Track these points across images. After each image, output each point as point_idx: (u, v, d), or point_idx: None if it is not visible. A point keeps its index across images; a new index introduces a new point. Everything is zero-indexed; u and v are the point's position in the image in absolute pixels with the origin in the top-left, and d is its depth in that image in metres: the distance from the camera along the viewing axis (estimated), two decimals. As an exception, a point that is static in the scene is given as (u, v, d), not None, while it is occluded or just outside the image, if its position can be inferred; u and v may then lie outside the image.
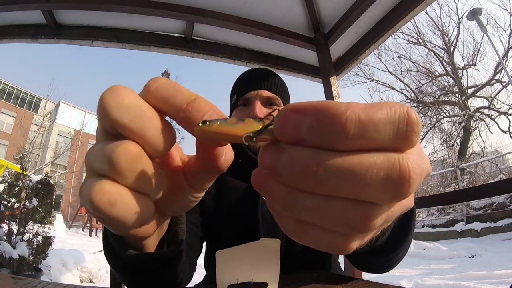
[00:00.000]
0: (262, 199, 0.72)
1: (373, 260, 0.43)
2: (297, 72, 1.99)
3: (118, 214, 0.20)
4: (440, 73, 13.10)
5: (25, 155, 5.07)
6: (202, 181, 0.26)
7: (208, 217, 0.75)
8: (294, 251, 0.70)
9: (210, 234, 0.78)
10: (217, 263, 0.36)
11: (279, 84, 0.85)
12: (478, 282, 3.46)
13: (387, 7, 1.54)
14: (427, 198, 1.38)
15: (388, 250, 0.41)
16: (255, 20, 1.68)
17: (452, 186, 9.81)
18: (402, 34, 13.25)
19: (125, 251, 0.32)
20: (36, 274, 3.39)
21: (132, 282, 0.41)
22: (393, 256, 0.44)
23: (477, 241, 6.52)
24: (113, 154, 0.19)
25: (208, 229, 0.77)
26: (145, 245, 0.32)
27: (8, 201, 3.64)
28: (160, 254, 0.34)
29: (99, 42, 1.67)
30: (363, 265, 0.48)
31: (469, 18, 8.67)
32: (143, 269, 0.36)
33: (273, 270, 0.38)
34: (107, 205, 0.19)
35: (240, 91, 0.84)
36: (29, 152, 10.86)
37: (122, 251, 0.32)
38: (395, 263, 0.47)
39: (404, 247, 0.44)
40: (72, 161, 24.45)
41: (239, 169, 0.80)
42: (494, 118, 11.65)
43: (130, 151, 0.20)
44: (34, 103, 24.77)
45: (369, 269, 0.49)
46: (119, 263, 0.36)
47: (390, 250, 0.42)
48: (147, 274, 0.37)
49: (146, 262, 0.34)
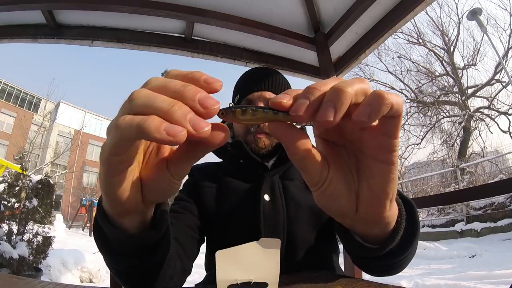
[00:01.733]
0: (263, 199, 0.72)
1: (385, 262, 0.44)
2: (297, 72, 1.98)
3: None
4: (440, 73, 13.09)
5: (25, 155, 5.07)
6: (180, 167, 0.30)
7: (209, 217, 0.75)
8: (294, 251, 0.70)
9: (210, 234, 0.78)
10: (217, 263, 0.36)
11: (282, 84, 0.84)
12: (478, 282, 3.46)
13: (387, 7, 1.54)
14: (427, 198, 1.38)
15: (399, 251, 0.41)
16: (255, 20, 1.68)
17: (452, 186, 9.82)
18: (402, 34, 13.25)
19: (109, 227, 0.34)
20: (36, 274, 3.39)
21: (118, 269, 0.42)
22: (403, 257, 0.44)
23: (477, 241, 6.53)
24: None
25: (209, 229, 0.77)
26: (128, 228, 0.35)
27: (8, 201, 3.64)
28: (139, 235, 0.35)
29: (99, 42, 1.67)
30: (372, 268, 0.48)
31: (469, 18, 8.67)
32: (126, 253, 0.38)
33: (273, 270, 0.38)
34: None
35: (243, 91, 0.83)
36: (29, 152, 10.86)
37: (108, 230, 0.34)
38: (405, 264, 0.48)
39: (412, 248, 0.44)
40: (72, 161, 24.46)
41: (240, 169, 0.80)
42: (494, 118, 11.64)
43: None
44: (34, 103, 24.78)
45: (377, 272, 0.49)
46: (105, 243, 0.38)
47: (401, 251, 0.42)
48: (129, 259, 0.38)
49: (126, 242, 0.35)
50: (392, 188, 0.31)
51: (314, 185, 0.31)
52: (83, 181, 25.51)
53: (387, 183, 0.30)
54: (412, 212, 0.41)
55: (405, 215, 0.38)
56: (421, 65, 13.39)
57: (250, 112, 0.28)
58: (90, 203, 11.11)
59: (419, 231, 0.43)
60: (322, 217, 0.73)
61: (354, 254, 0.46)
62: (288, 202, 0.73)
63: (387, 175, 0.30)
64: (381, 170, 0.30)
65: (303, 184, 0.78)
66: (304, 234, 0.71)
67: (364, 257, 0.44)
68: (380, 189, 0.31)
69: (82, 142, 23.50)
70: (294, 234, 0.70)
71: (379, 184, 0.30)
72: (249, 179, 0.77)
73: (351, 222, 0.35)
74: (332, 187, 0.31)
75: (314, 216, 0.72)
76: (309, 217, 0.72)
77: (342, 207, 0.32)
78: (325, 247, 0.75)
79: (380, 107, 0.25)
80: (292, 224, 0.71)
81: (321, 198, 0.32)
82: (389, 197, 0.31)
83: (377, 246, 0.38)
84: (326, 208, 0.33)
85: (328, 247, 0.76)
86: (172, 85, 0.26)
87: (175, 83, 0.26)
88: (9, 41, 1.62)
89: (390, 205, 0.32)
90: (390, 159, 0.29)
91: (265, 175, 0.76)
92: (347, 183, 0.32)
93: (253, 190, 0.74)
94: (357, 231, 0.38)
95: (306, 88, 0.27)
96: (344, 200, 0.32)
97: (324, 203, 0.32)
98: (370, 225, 0.35)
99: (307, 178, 0.31)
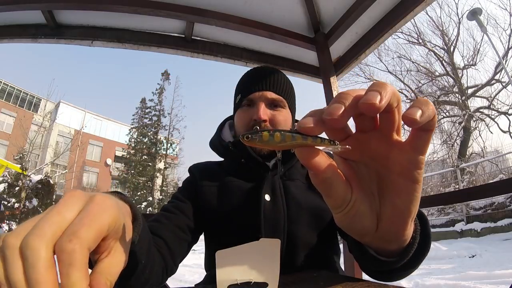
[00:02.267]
0: (264, 199, 0.72)
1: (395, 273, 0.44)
2: (297, 72, 1.98)
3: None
4: (440, 73, 13.10)
5: (25, 155, 5.07)
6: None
7: (209, 216, 0.75)
8: (294, 251, 0.70)
9: (210, 234, 0.78)
10: (217, 263, 0.36)
11: (284, 84, 0.83)
12: (478, 282, 3.46)
13: (387, 7, 1.54)
14: (427, 198, 1.38)
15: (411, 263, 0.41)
16: (255, 20, 1.68)
17: (452, 186, 9.81)
18: (402, 34, 13.27)
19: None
20: (36, 274, 3.39)
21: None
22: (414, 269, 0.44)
23: (477, 241, 6.52)
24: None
25: (208, 229, 0.77)
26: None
27: (8, 201, 3.64)
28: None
29: (99, 42, 1.67)
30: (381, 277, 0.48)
31: (469, 18, 8.67)
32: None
33: (273, 270, 0.38)
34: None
35: (244, 91, 0.82)
36: (29, 152, 10.86)
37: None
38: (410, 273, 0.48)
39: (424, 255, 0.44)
40: (72, 161, 24.44)
41: (242, 169, 0.80)
42: (494, 118, 11.65)
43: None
44: (34, 103, 24.76)
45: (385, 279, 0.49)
46: None
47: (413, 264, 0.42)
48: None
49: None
50: (415, 206, 0.30)
51: (337, 207, 0.31)
52: (83, 181, 25.50)
53: (411, 201, 0.30)
54: (425, 225, 0.41)
55: (419, 230, 0.38)
56: (421, 65, 13.41)
57: (279, 136, 0.27)
58: (90, 203, 11.10)
59: (430, 244, 0.43)
60: (323, 217, 0.73)
61: (367, 267, 0.46)
62: (289, 202, 0.72)
63: (412, 194, 0.29)
64: (407, 188, 0.29)
65: (304, 184, 0.78)
66: (305, 235, 0.71)
67: (375, 270, 0.44)
68: (404, 207, 0.30)
69: (82, 142, 23.50)
70: (295, 234, 0.70)
71: (403, 203, 0.30)
72: (250, 179, 0.77)
73: (370, 240, 0.35)
74: (355, 209, 0.30)
75: (315, 217, 0.72)
76: (309, 218, 0.72)
77: (363, 227, 0.32)
78: (325, 248, 0.75)
79: (429, 110, 0.25)
80: (293, 224, 0.70)
81: (343, 219, 0.32)
82: (412, 216, 0.31)
83: (392, 259, 0.38)
84: (347, 229, 0.33)
85: (328, 247, 0.76)
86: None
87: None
88: (9, 41, 1.62)
89: (411, 223, 0.32)
90: (416, 177, 0.29)
91: (266, 175, 0.76)
92: (369, 203, 0.31)
93: (254, 190, 0.74)
94: (374, 246, 0.38)
95: (337, 95, 0.27)
96: (366, 220, 0.31)
97: (346, 224, 0.32)
98: (389, 242, 0.35)
99: (330, 202, 0.31)
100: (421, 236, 0.39)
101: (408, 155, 0.28)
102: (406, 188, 0.29)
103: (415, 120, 0.25)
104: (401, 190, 0.30)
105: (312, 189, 0.75)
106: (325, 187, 0.29)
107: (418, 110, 0.25)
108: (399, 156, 0.29)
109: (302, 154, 0.27)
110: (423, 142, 0.28)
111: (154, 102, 26.20)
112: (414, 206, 0.30)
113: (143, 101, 27.24)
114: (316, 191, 0.30)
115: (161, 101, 26.08)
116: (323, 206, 0.72)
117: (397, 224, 0.32)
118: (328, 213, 0.72)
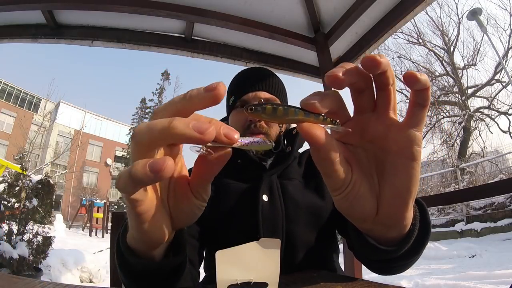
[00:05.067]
0: (262, 200, 0.71)
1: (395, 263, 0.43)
2: (297, 72, 1.99)
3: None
4: (440, 73, 13.10)
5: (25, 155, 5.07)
6: (200, 189, 0.32)
7: (207, 219, 0.74)
8: (293, 251, 0.70)
9: (209, 236, 0.78)
10: (217, 263, 0.36)
11: (277, 84, 0.83)
12: (478, 282, 3.46)
13: (387, 7, 1.54)
14: (427, 198, 1.38)
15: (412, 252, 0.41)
16: (255, 20, 1.68)
17: (452, 186, 9.81)
18: (402, 34, 13.27)
19: (136, 260, 0.35)
20: (36, 274, 3.39)
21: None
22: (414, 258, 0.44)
23: (477, 241, 6.52)
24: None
25: (207, 231, 0.77)
26: (154, 256, 0.36)
27: (8, 201, 3.64)
28: (166, 263, 0.37)
29: (99, 42, 1.67)
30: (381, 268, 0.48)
31: (469, 18, 8.68)
32: (153, 278, 0.39)
33: (273, 270, 0.38)
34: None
35: (237, 92, 0.82)
36: (29, 152, 10.86)
37: (135, 262, 0.36)
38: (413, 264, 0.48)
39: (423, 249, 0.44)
40: (72, 161, 24.45)
41: (238, 170, 0.79)
42: (494, 118, 11.65)
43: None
44: (34, 103, 24.76)
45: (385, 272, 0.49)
46: (132, 273, 0.39)
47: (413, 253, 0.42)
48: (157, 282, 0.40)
49: (155, 270, 0.37)
50: (415, 186, 0.31)
51: (337, 189, 0.31)
52: (83, 181, 25.50)
53: (411, 180, 0.30)
54: (424, 212, 0.41)
55: (419, 216, 0.38)
56: (421, 65, 13.41)
57: (282, 110, 0.27)
58: (90, 203, 11.10)
59: (431, 231, 0.42)
60: (321, 216, 0.72)
61: (367, 257, 0.45)
62: (287, 202, 0.72)
63: (411, 172, 0.30)
64: (406, 166, 0.30)
65: (302, 183, 0.77)
66: (304, 234, 0.71)
67: (376, 259, 0.44)
68: (403, 187, 0.30)
69: (82, 142, 23.48)
70: (294, 234, 0.70)
71: (403, 182, 0.30)
72: (247, 179, 0.77)
73: (370, 226, 0.35)
74: (355, 191, 0.31)
75: (314, 216, 0.72)
76: (308, 217, 0.72)
77: (364, 211, 0.32)
78: (325, 247, 0.75)
79: (424, 76, 0.27)
80: (291, 224, 0.70)
81: (343, 202, 0.32)
82: (412, 196, 0.31)
83: (392, 248, 0.38)
84: (347, 213, 0.33)
85: (328, 246, 0.76)
86: (169, 107, 0.27)
87: (171, 106, 0.27)
88: (9, 41, 1.62)
89: (411, 205, 0.32)
90: (415, 154, 0.29)
91: (263, 175, 0.76)
92: (369, 186, 0.32)
93: (251, 191, 0.74)
94: (374, 234, 0.37)
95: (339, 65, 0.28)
96: (367, 203, 0.31)
97: (345, 207, 0.32)
98: (389, 228, 0.35)
99: (330, 182, 0.31)
100: (421, 223, 0.39)
101: (405, 132, 0.29)
102: (404, 167, 0.30)
103: (414, 75, 0.26)
104: (400, 169, 0.30)
105: (310, 188, 0.75)
106: (326, 164, 0.29)
107: (416, 72, 0.27)
108: (397, 134, 0.30)
109: (304, 127, 0.27)
110: (419, 118, 0.29)
111: (154, 102, 26.24)
112: (413, 186, 0.30)
113: (143, 101, 27.28)
114: (314, 189, 0.30)
115: (161, 101, 26.10)
116: (321, 204, 0.72)
117: (397, 206, 0.32)
118: (326, 211, 0.73)
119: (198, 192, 0.31)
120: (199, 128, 0.24)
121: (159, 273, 0.38)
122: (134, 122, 26.47)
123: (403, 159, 0.30)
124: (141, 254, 0.35)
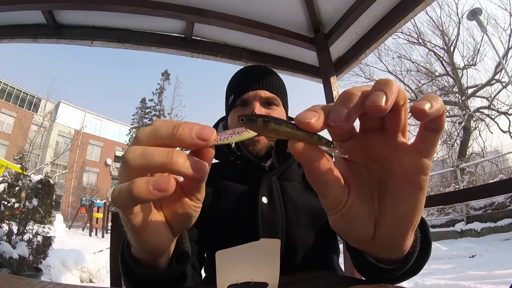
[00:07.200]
0: (261, 202, 0.71)
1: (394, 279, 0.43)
2: (297, 72, 1.98)
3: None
4: (440, 73, 13.10)
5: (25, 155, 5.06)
6: (193, 190, 0.32)
7: (207, 221, 0.73)
8: (293, 253, 0.69)
9: (209, 238, 0.77)
10: (217, 263, 0.36)
11: (277, 83, 0.81)
12: (478, 282, 3.45)
13: (387, 7, 1.54)
14: (427, 198, 1.38)
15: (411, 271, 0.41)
16: (255, 20, 1.68)
17: (452, 186, 9.81)
18: (402, 34, 13.27)
19: (140, 269, 0.36)
20: (36, 274, 3.39)
21: None
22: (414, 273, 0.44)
23: (477, 241, 6.52)
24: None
25: (207, 233, 0.76)
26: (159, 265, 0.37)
27: (8, 201, 3.63)
28: (169, 271, 0.38)
29: (99, 42, 1.67)
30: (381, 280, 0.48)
31: (469, 18, 8.68)
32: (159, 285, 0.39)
33: (273, 270, 0.38)
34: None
35: (237, 91, 0.80)
36: (29, 152, 10.86)
37: (140, 272, 0.36)
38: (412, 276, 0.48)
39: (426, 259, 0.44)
40: (72, 161, 24.44)
41: (237, 171, 0.78)
42: (494, 118, 11.65)
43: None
44: (34, 103, 24.75)
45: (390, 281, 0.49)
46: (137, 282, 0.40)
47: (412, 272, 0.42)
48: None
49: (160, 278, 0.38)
50: (417, 216, 0.28)
51: (332, 209, 0.29)
52: (83, 181, 25.49)
53: (413, 210, 0.28)
54: (425, 232, 0.40)
55: (419, 237, 0.37)
56: (421, 65, 13.42)
57: (273, 124, 0.25)
58: (90, 203, 11.09)
59: (431, 251, 0.41)
60: (321, 218, 0.72)
61: (365, 274, 0.45)
62: (287, 204, 0.71)
63: (414, 201, 0.27)
64: (410, 194, 0.27)
65: (302, 184, 0.77)
66: (304, 236, 0.70)
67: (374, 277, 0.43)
68: (404, 216, 0.28)
69: (82, 142, 23.47)
70: (293, 236, 0.69)
71: (405, 210, 0.28)
72: (246, 181, 0.76)
73: (365, 247, 0.33)
74: (352, 213, 0.29)
75: (313, 217, 0.71)
76: (308, 219, 0.71)
77: (359, 233, 0.30)
78: (325, 248, 0.74)
79: (438, 105, 0.24)
80: (291, 226, 0.70)
81: (338, 222, 0.30)
82: (413, 226, 0.29)
83: (391, 267, 0.36)
84: (341, 233, 0.32)
85: (328, 247, 0.75)
86: (163, 131, 0.26)
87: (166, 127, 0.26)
88: (9, 41, 1.62)
89: (411, 233, 0.30)
90: (421, 183, 0.27)
91: (262, 176, 0.75)
92: (367, 208, 0.30)
93: (251, 193, 0.73)
94: (371, 254, 0.36)
95: (341, 95, 0.25)
96: (363, 226, 0.30)
97: (340, 227, 0.31)
98: (387, 251, 0.33)
99: (324, 202, 0.29)
100: (421, 244, 0.37)
101: (413, 157, 0.26)
102: (408, 195, 0.27)
103: (423, 110, 0.23)
104: (403, 196, 0.28)
105: (310, 189, 0.74)
106: (319, 185, 0.27)
107: (427, 102, 0.23)
108: (403, 159, 0.27)
109: (294, 147, 0.25)
110: (430, 144, 0.26)
111: (154, 102, 26.24)
112: (415, 216, 0.28)
113: (143, 101, 27.26)
114: (314, 191, 0.29)
115: (161, 101, 26.11)
116: (320, 206, 0.71)
117: (396, 233, 0.30)
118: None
119: (191, 193, 0.32)
120: (159, 186, 0.24)
121: (163, 281, 0.38)
122: (134, 122, 26.46)
123: (408, 186, 0.27)
124: (146, 263, 0.36)
